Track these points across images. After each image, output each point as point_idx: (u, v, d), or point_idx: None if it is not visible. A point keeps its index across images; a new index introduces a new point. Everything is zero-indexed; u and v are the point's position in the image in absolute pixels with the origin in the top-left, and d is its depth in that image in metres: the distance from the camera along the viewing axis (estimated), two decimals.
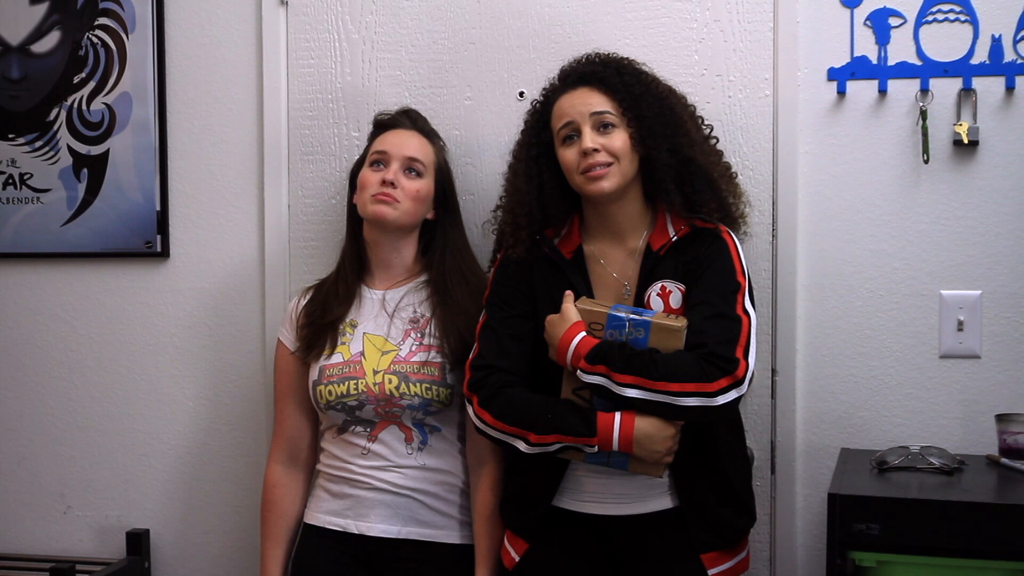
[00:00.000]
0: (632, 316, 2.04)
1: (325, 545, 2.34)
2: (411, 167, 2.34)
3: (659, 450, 2.00)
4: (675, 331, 2.02)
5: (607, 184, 2.10)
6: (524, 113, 2.28)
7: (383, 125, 2.43)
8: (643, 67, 2.20)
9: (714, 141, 2.27)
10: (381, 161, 2.35)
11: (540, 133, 2.21)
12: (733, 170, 2.28)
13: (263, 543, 2.42)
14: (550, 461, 2.09)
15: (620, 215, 2.18)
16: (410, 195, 2.32)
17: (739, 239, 2.18)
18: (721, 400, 1.96)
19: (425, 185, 2.36)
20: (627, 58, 2.21)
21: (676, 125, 2.13)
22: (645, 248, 2.17)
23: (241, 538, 2.75)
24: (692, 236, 2.15)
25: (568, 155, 2.13)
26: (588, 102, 2.13)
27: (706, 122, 2.27)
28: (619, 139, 2.11)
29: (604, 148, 2.10)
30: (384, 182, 2.30)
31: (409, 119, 2.43)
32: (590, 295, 2.17)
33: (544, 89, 2.24)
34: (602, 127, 2.11)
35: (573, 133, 2.13)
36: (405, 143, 2.36)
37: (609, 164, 2.10)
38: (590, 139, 2.10)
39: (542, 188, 2.19)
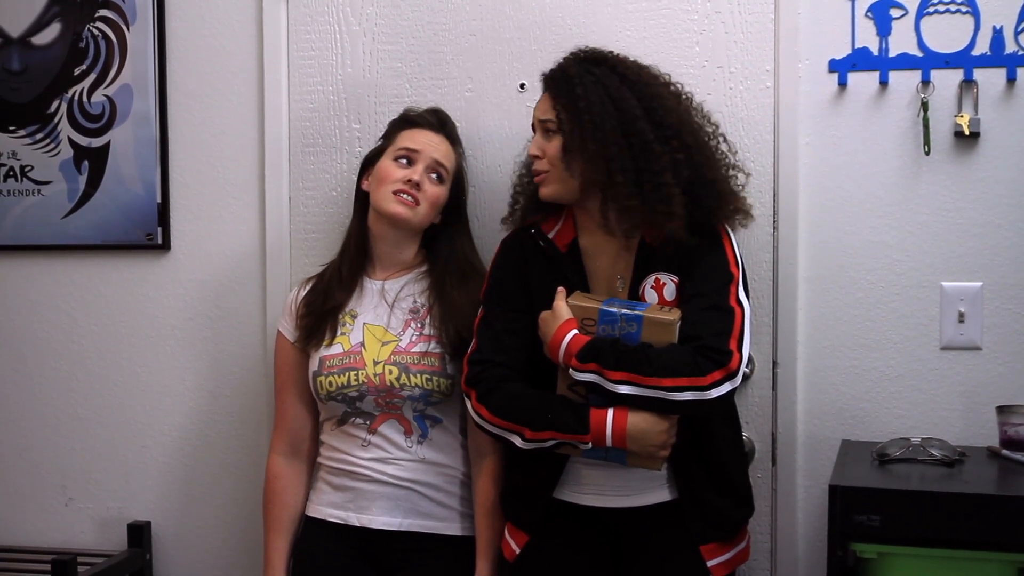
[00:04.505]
0: (624, 311, 2.03)
1: (327, 537, 2.34)
2: (436, 171, 2.33)
3: (654, 444, 2.00)
4: (668, 325, 2.01)
5: (545, 190, 2.17)
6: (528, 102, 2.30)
7: (412, 121, 2.40)
8: (598, 70, 2.12)
9: (712, 141, 2.17)
10: (408, 158, 2.33)
11: None
12: (737, 183, 2.20)
13: (266, 535, 2.42)
14: (549, 454, 2.09)
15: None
16: (430, 200, 2.32)
17: (735, 229, 2.18)
18: (715, 393, 1.96)
19: (444, 192, 2.35)
20: (593, 59, 2.15)
21: (606, 142, 2.05)
22: (639, 240, 2.16)
23: (242, 529, 2.75)
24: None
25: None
26: (541, 107, 2.18)
27: (709, 117, 2.20)
28: (553, 147, 2.14)
29: (544, 152, 2.15)
30: (410, 182, 2.29)
31: (439, 121, 2.41)
32: (585, 288, 2.16)
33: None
34: (546, 132, 2.16)
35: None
36: (436, 146, 2.35)
37: (547, 171, 2.15)
38: (535, 144, 2.17)
39: None
